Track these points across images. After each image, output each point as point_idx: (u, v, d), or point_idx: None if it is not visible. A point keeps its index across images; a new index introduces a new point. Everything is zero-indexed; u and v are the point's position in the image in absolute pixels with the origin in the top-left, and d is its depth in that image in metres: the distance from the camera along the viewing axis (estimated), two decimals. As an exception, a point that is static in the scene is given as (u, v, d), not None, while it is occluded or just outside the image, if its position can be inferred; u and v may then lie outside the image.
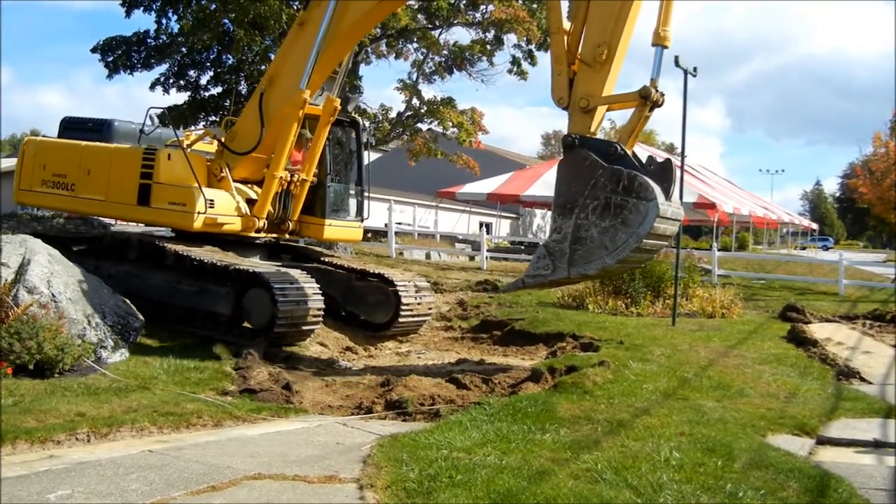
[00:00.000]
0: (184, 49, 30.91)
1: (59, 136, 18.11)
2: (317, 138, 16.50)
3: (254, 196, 16.59)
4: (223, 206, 15.83)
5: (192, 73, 32.24)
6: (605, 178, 11.92)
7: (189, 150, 16.24)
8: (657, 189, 11.79)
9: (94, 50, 31.24)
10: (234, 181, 16.30)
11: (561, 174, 12.61)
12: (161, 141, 17.33)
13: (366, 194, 18.25)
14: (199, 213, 15.41)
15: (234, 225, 16.04)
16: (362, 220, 18.37)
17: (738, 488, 7.05)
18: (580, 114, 12.58)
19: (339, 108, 16.52)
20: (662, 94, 12.45)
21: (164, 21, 31.19)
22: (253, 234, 16.58)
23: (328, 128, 16.63)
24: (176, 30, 30.91)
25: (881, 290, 27.79)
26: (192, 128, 17.43)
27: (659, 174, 12.09)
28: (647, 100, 12.33)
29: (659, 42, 12.50)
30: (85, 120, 18.32)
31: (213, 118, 30.52)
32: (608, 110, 13.32)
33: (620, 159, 12.15)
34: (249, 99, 17.62)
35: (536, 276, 12.55)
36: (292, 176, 16.44)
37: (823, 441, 9.60)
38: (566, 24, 13.07)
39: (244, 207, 16.18)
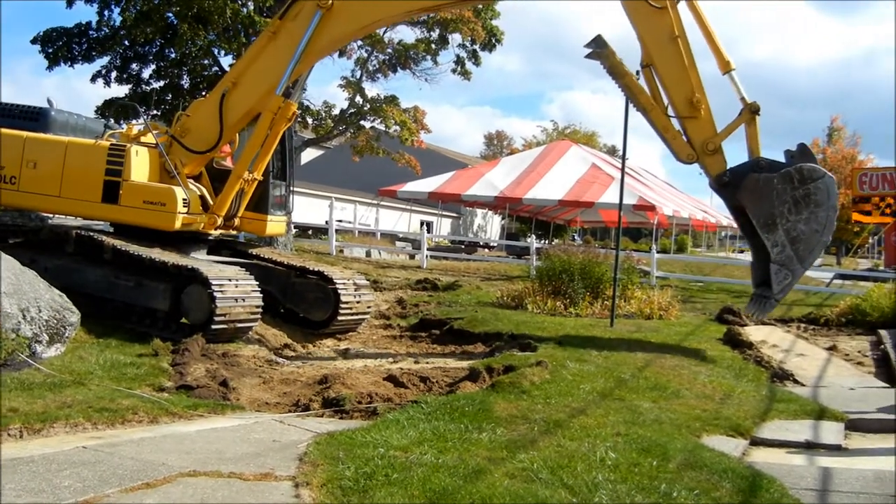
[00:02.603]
0: (126, 42, 30.53)
1: None
2: (272, 140, 16.55)
3: (205, 193, 16.60)
4: (193, 205, 15.86)
5: (134, 66, 31.88)
6: (781, 184, 14.20)
7: (136, 144, 16.18)
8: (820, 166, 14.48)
9: (34, 41, 30.78)
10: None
11: (747, 204, 14.62)
12: (91, 132, 17.17)
13: (291, 189, 18.36)
14: (179, 212, 15.42)
15: (199, 223, 16.09)
16: (287, 214, 18.59)
17: (673, 488, 7.10)
18: (711, 157, 14.87)
19: (297, 112, 16.75)
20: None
21: (106, 13, 30.80)
22: (212, 232, 16.66)
23: (283, 131, 16.72)
24: (118, 22, 30.53)
25: (816, 293, 28.18)
26: (133, 121, 17.32)
27: (802, 158, 14.47)
28: (757, 113, 14.74)
29: (727, 69, 14.93)
30: (11, 106, 17.54)
31: (155, 112, 30.18)
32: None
33: (772, 165, 14.49)
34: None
35: (784, 289, 14.63)
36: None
37: (757, 442, 9.72)
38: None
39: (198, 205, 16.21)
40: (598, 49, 15.57)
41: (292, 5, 16.01)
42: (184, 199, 15.67)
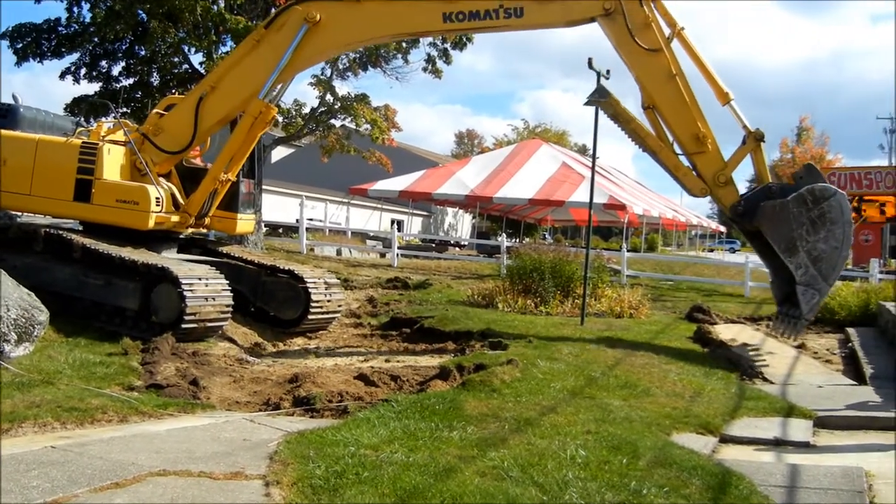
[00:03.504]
0: (96, 39, 30.25)
1: None
2: (249, 142, 16.62)
3: (175, 192, 16.54)
4: (165, 203, 15.83)
5: (103, 63, 31.60)
6: (796, 207, 14.48)
7: (105, 141, 16.09)
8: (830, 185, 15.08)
9: (2, 36, 30.49)
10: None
11: (766, 230, 14.98)
12: (59, 129, 17.04)
13: (260, 187, 18.45)
14: (153, 211, 15.35)
15: (171, 222, 16.05)
16: (256, 213, 18.62)
17: (643, 486, 7.13)
18: (724, 188, 15.30)
19: (276, 116, 16.78)
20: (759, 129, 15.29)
21: (75, 9, 30.52)
22: (183, 230, 16.66)
23: (261, 134, 16.79)
24: (88, 19, 30.26)
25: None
26: (103, 119, 17.27)
27: (811, 178, 14.88)
28: (762, 140, 15.22)
29: (726, 100, 15.31)
30: None
31: (125, 110, 29.95)
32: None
33: (783, 189, 15.00)
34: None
35: (812, 308, 14.89)
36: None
37: (726, 439, 9.80)
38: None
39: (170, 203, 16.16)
40: (601, 99, 15.88)
41: (279, 16, 15.97)
42: (157, 198, 15.61)
